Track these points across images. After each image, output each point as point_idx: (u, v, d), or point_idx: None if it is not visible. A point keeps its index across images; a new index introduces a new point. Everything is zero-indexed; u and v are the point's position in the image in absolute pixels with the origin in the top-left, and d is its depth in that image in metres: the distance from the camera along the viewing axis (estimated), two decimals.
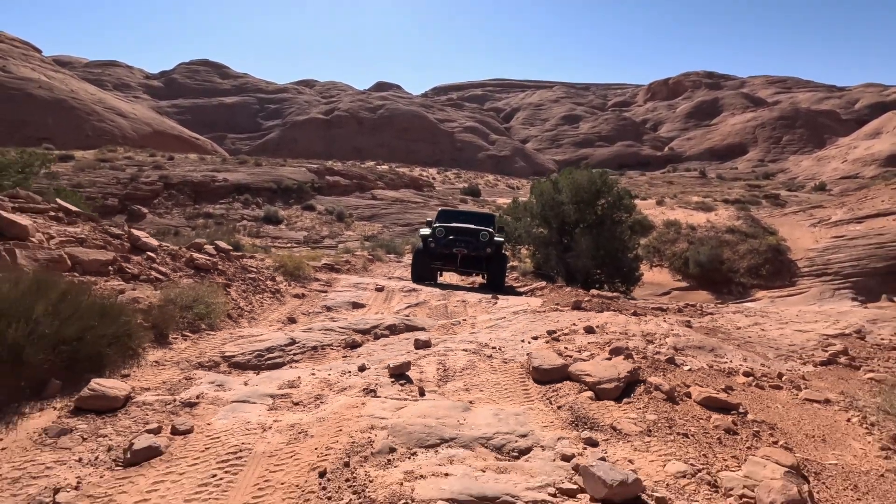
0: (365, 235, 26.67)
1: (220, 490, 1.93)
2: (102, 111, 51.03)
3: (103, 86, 79.13)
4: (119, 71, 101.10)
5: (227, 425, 2.43)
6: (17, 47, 52.99)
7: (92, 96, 52.85)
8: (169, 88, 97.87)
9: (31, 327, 2.57)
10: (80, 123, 48.89)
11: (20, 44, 53.87)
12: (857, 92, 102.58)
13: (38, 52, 56.04)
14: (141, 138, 52.04)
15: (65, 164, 28.15)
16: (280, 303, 5.97)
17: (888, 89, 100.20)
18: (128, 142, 49.63)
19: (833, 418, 3.07)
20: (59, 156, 30.04)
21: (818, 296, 16.87)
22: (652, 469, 2.10)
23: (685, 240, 20.91)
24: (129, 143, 48.58)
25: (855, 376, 4.48)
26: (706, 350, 4.59)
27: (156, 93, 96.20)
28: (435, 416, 2.55)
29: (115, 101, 55.79)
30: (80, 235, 4.85)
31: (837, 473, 2.32)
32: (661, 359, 3.81)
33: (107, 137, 49.58)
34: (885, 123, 77.68)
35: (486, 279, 9.59)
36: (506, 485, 1.94)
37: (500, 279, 9.23)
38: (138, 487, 1.93)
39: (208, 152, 56.42)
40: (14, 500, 1.82)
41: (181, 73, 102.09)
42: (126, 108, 54.53)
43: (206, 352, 3.62)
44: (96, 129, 49.43)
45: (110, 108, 52.41)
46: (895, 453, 2.56)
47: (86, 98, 51.54)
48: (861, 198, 22.47)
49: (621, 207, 15.05)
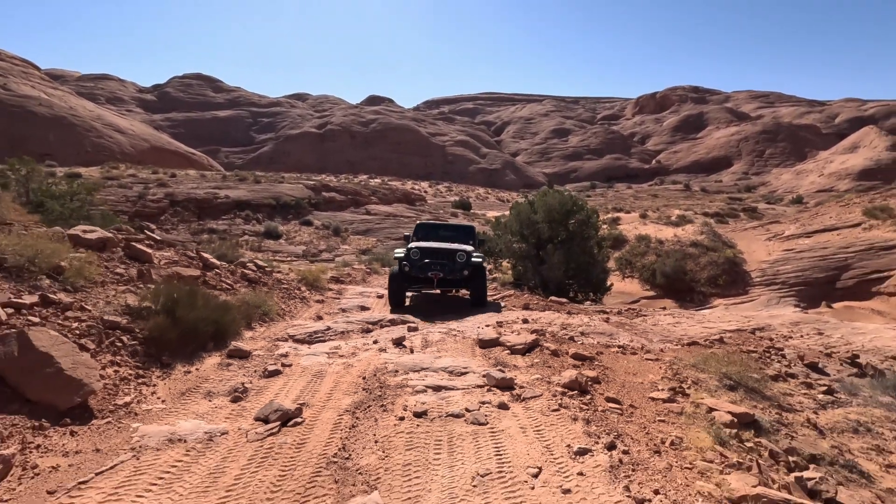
0: (360, 249, 28.83)
1: (316, 386, 4.15)
2: (101, 127, 52.98)
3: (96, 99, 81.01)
4: (111, 84, 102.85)
5: (309, 363, 4.66)
6: (16, 65, 54.96)
7: (91, 113, 54.83)
8: (162, 102, 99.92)
9: (196, 313, 4.79)
10: (80, 139, 50.80)
11: (20, 62, 55.86)
12: (837, 106, 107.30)
13: (38, 70, 58.06)
14: (139, 154, 53.99)
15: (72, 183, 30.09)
16: (307, 306, 8.19)
17: (866, 104, 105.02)
18: (126, 157, 51.60)
19: (650, 365, 5.34)
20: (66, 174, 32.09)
21: (766, 303, 19.31)
22: (523, 378, 4.36)
23: (654, 253, 23.36)
24: (127, 159, 50.55)
25: (703, 352, 6.73)
26: (605, 334, 6.85)
27: (149, 106, 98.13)
28: (419, 360, 4.80)
29: (113, 118, 57.84)
30: (173, 258, 7.07)
31: (619, 377, 4.59)
32: (564, 337, 6.09)
33: (106, 153, 51.55)
34: (862, 137, 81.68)
35: (469, 295, 9.39)
36: (452, 382, 4.19)
37: (482, 295, 9.04)
38: (276, 385, 4.15)
39: (204, 167, 58.45)
40: (224, 388, 4.03)
41: (174, 87, 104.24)
42: (124, 125, 56.56)
43: (277, 333, 5.85)
44: (95, 145, 51.36)
45: (109, 124, 54.40)
46: (665, 377, 4.82)
47: (85, 115, 53.49)
48: (813, 214, 25.15)
49: (589, 225, 17.38)
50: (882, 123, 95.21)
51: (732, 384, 5.13)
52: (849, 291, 19.39)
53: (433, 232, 10.20)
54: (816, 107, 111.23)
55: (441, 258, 8.60)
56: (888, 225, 21.22)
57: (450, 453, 2.95)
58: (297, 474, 2.73)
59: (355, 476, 2.71)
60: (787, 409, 4.99)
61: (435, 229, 10.44)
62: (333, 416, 3.44)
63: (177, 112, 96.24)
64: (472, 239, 10.01)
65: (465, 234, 10.18)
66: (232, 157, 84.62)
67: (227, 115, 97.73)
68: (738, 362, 5.86)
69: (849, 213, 23.26)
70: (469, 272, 8.61)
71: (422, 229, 10.22)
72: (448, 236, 10.00)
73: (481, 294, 8.90)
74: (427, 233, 10.08)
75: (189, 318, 4.61)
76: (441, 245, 8.98)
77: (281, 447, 3.03)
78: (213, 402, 3.71)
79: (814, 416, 4.97)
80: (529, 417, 3.46)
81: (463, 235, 10.11)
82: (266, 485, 2.63)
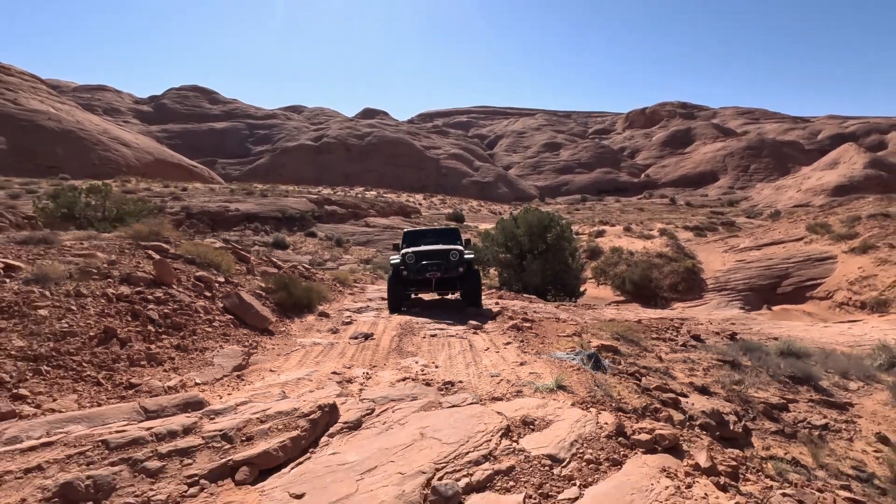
0: (361, 259, 32.31)
1: (375, 328, 7.67)
2: (107, 141, 56.22)
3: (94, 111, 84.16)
4: (108, 95, 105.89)
5: (366, 319, 8.20)
6: (25, 80, 58.26)
7: (97, 126, 58.10)
8: (159, 113, 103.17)
9: (297, 292, 8.30)
10: (87, 153, 53.98)
11: (28, 77, 59.17)
12: (820, 123, 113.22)
13: (45, 85, 61.38)
14: (143, 166, 57.23)
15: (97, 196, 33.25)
16: (344, 296, 11.69)
17: (847, 121, 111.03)
18: (131, 170, 54.82)
19: (571, 327, 8.88)
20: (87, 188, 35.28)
21: (716, 305, 23.00)
22: (488, 326, 7.92)
23: (625, 263, 27.07)
24: (132, 172, 53.78)
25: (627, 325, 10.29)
26: (551, 315, 10.39)
27: (145, 117, 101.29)
28: (431, 320, 8.35)
29: (119, 131, 61.16)
30: (257, 260, 10.56)
31: (547, 329, 8.14)
32: (520, 312, 9.64)
33: (112, 166, 54.76)
34: (842, 154, 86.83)
35: (463, 296, 9.88)
36: (449, 328, 7.73)
37: (477, 295, 9.48)
38: (352, 328, 7.67)
39: (206, 179, 61.75)
40: (325, 328, 7.55)
41: (171, 99, 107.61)
42: (129, 138, 59.87)
43: (336, 308, 9.36)
44: (102, 158, 54.57)
45: (115, 137, 57.67)
46: (575, 331, 8.36)
47: (91, 128, 56.75)
48: (767, 229, 29.07)
49: (564, 238, 21.03)
50: (862, 141, 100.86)
51: (618, 336, 8.69)
52: (787, 296, 23.17)
53: (421, 238, 10.84)
54: (800, 123, 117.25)
55: (436, 258, 9.19)
56: (825, 239, 25.12)
57: (448, 346, 6.49)
58: (379, 352, 6.24)
59: (406, 352, 6.23)
60: (648, 350, 8.55)
61: (422, 235, 11.04)
62: (389, 336, 6.96)
63: (173, 123, 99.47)
64: (458, 240, 10.78)
65: (452, 237, 10.88)
66: (229, 169, 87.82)
67: (224, 127, 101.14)
68: (631, 328, 9.45)
69: (795, 228, 27.20)
70: (464, 269, 9.26)
71: (410, 236, 10.89)
72: (436, 240, 10.60)
73: (476, 294, 9.48)
74: (415, 239, 10.74)
75: (296, 294, 8.12)
76: (434, 246, 9.57)
77: (368, 346, 6.54)
78: (322, 333, 7.21)
79: (663, 354, 8.55)
80: (487, 336, 7.04)
81: (450, 238, 10.79)
82: (367, 355, 6.13)
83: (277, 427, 3.16)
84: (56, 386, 3.63)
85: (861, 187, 65.27)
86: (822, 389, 8.35)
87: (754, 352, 9.49)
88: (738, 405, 6.93)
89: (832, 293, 22.14)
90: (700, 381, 7.33)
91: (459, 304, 10.12)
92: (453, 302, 10.91)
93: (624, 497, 2.61)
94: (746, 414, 6.76)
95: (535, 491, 2.71)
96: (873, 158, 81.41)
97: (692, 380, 7.32)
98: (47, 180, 38.52)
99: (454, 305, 10.40)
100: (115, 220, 15.17)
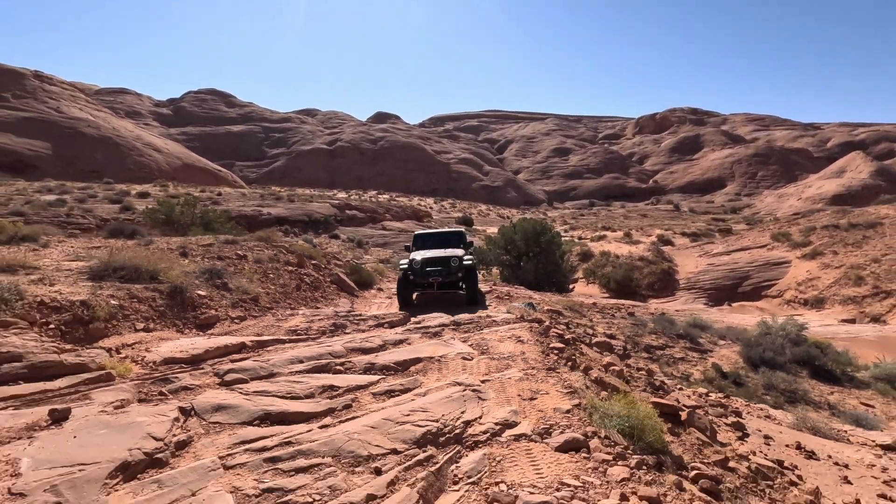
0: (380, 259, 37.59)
1: None
2: (142, 147, 62.30)
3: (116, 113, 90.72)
4: (129, 98, 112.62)
5: None
6: (66, 89, 64.63)
7: (131, 133, 64.26)
8: (177, 116, 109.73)
9: (360, 274, 13.58)
10: (123, 158, 60.06)
11: (68, 86, 65.56)
12: (830, 130, 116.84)
13: (84, 93, 67.75)
14: (173, 171, 63.25)
15: (144, 201, 39.06)
16: (384, 281, 16.96)
17: (857, 129, 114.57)
18: (162, 174, 60.85)
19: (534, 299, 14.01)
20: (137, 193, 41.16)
21: (685, 302, 27.92)
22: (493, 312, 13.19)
23: (611, 265, 32.05)
24: (163, 176, 59.80)
25: (578, 302, 15.35)
26: (525, 295, 15.48)
27: (165, 120, 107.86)
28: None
29: (151, 138, 67.33)
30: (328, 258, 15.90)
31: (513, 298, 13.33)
32: (506, 292, 14.81)
33: (146, 171, 60.82)
34: (849, 162, 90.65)
35: (464, 294, 11.50)
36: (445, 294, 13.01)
37: (475, 294, 11.24)
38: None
39: (230, 183, 67.67)
40: (385, 295, 12.84)
41: (189, 102, 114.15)
42: (160, 144, 65.97)
43: (385, 289, 14.63)
44: (137, 163, 60.64)
45: (147, 143, 63.76)
46: (532, 299, 13.53)
47: (127, 135, 62.89)
48: (738, 237, 33.89)
49: (555, 244, 26.10)
50: (871, 149, 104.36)
51: (567, 308, 13.83)
52: (746, 295, 28.03)
53: (430, 239, 12.58)
54: (810, 130, 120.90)
55: (438, 265, 10.76)
56: (784, 246, 29.91)
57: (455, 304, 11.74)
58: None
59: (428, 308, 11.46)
60: (584, 316, 13.68)
61: (431, 237, 12.77)
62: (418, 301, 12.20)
63: (192, 126, 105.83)
64: (462, 242, 12.50)
65: (457, 239, 12.68)
66: (246, 171, 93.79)
67: (241, 130, 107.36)
68: (581, 304, 14.61)
69: (762, 236, 32.01)
70: (463, 273, 10.91)
71: (420, 238, 12.67)
72: (442, 242, 12.40)
73: (475, 292, 11.25)
74: (424, 241, 12.48)
75: (363, 276, 13.40)
76: (437, 254, 11.07)
77: None
78: (381, 298, 12.48)
79: (595, 319, 13.69)
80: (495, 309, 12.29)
81: (455, 240, 12.60)
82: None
83: (391, 316, 8.41)
84: (292, 303, 8.94)
85: (859, 196, 69.36)
86: (697, 342, 13.51)
87: (669, 324, 14.59)
88: (630, 344, 12.12)
89: (783, 292, 27.00)
90: (611, 332, 12.48)
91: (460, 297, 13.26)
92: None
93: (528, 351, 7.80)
94: (633, 348, 11.96)
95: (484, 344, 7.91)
96: (880, 167, 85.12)
97: (606, 331, 12.48)
98: (100, 185, 44.44)
99: None
100: (203, 226, 20.53)
